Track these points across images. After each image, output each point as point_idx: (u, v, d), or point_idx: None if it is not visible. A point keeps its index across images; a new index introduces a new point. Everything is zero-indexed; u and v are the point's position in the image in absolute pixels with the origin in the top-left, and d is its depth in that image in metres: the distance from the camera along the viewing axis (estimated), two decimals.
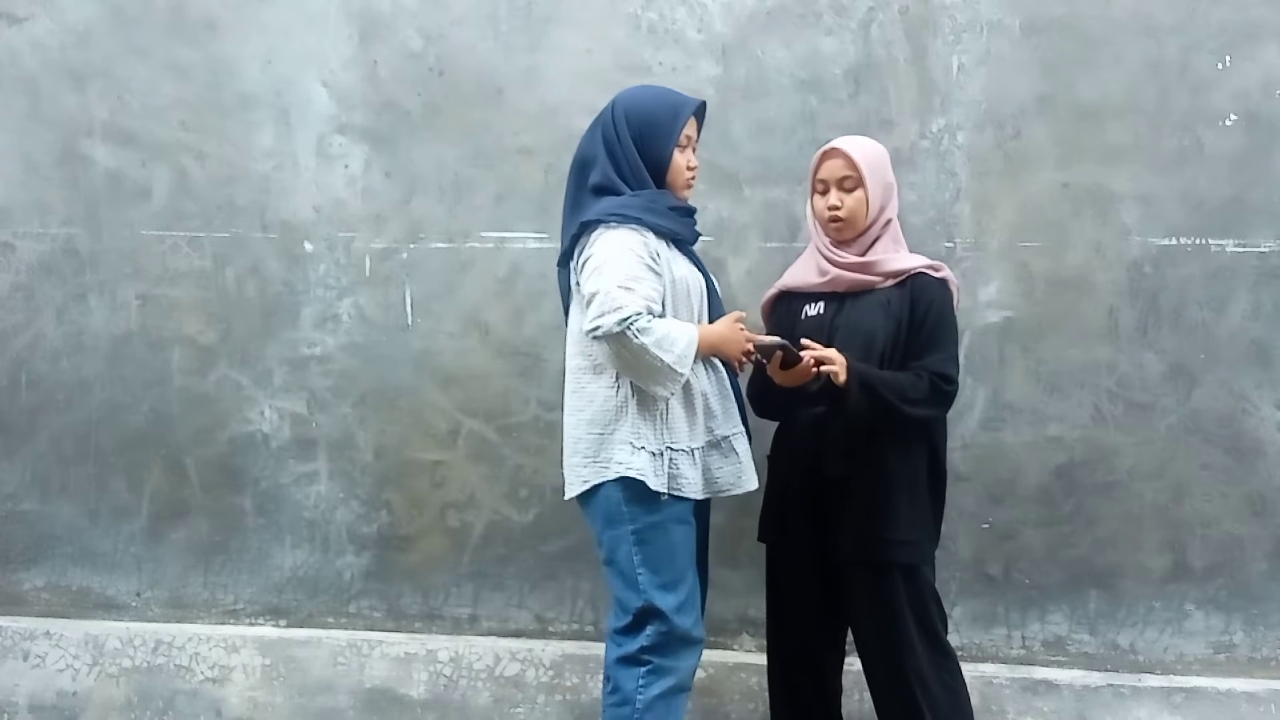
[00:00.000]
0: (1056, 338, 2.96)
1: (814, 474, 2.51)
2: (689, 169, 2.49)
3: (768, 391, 2.57)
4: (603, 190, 2.41)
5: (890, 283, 2.52)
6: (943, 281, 2.55)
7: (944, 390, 2.47)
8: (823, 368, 2.37)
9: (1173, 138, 2.94)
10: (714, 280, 2.59)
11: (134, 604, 3.33)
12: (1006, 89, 2.97)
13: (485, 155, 3.13)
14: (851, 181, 2.50)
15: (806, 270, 2.61)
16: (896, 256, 2.54)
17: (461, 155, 3.14)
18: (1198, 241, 2.95)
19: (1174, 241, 2.96)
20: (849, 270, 2.53)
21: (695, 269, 2.51)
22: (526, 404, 3.16)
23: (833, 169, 2.52)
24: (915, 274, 2.52)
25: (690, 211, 2.52)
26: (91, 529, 3.32)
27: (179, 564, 3.31)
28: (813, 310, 2.57)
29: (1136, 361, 2.98)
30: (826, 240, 2.57)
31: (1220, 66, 2.92)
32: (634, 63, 3.04)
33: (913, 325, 2.49)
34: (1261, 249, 2.94)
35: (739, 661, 3.08)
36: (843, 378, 2.37)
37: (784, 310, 2.64)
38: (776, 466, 2.64)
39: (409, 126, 3.15)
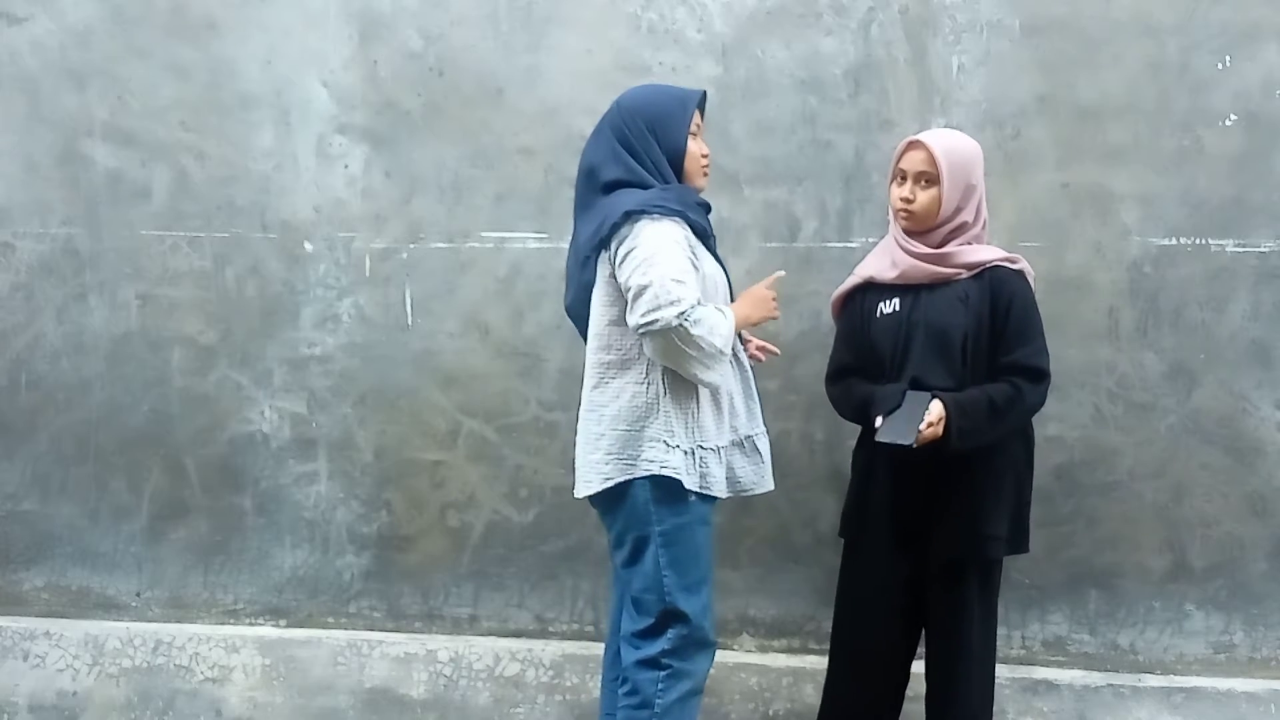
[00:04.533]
0: (1056, 338, 2.93)
1: (902, 469, 2.48)
2: (703, 156, 2.46)
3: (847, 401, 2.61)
4: (621, 184, 2.36)
5: (966, 275, 2.50)
6: (1020, 274, 2.53)
7: (1037, 387, 2.46)
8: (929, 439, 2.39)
9: (1173, 138, 2.94)
10: (729, 276, 2.55)
11: (134, 604, 3.33)
12: (1006, 89, 2.97)
13: (485, 155, 3.13)
14: (930, 177, 2.48)
15: (881, 261, 2.59)
16: (972, 249, 2.51)
17: (461, 155, 3.14)
18: (1198, 241, 2.95)
19: (1174, 241, 2.96)
20: (924, 261, 2.51)
21: (719, 265, 2.49)
22: (526, 404, 3.16)
23: (913, 161, 2.49)
24: (992, 267, 2.49)
25: (709, 208, 2.49)
26: (91, 529, 3.32)
27: (179, 564, 3.31)
28: (888, 308, 2.55)
29: (1136, 361, 2.98)
30: (900, 230, 2.55)
31: (1220, 66, 2.92)
32: (634, 63, 3.04)
33: (995, 320, 2.46)
34: (1261, 249, 2.94)
35: (739, 661, 3.08)
36: (940, 431, 2.38)
37: (857, 307, 2.61)
38: (859, 460, 2.63)
39: (409, 126, 3.15)
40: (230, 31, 3.18)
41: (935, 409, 2.38)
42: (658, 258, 2.24)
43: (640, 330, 2.25)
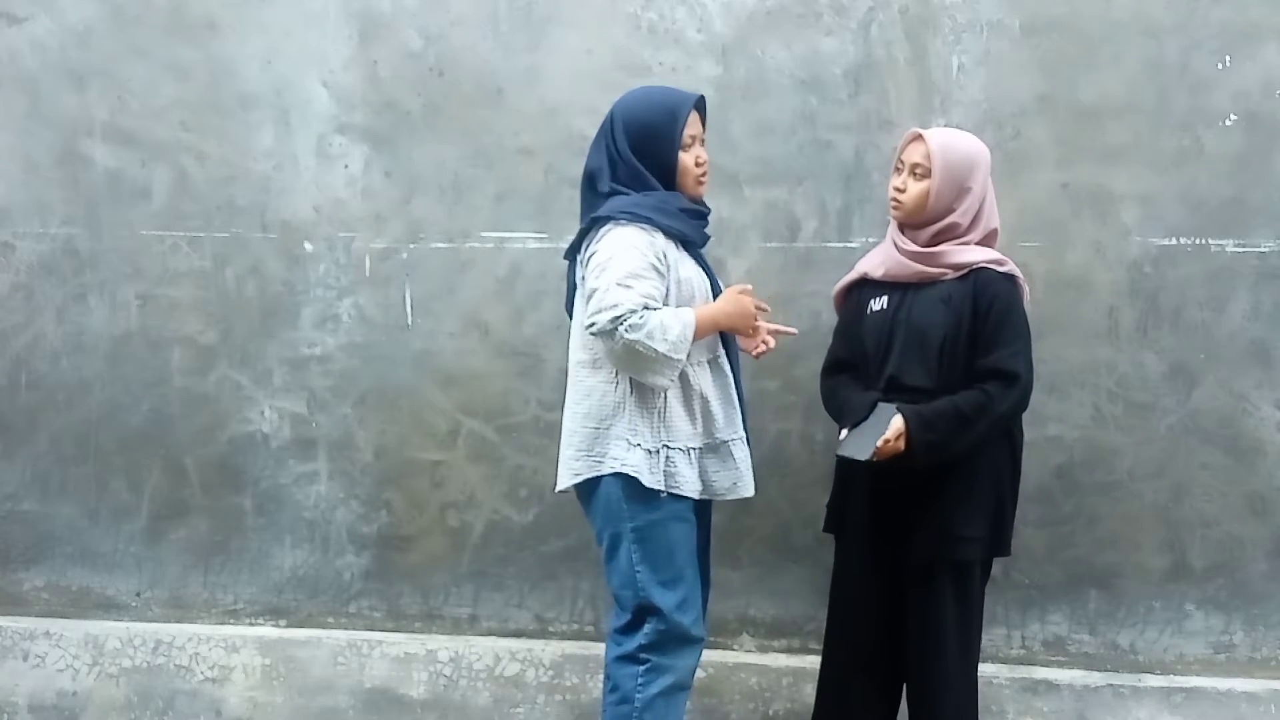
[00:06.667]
0: (1056, 338, 2.96)
1: (879, 469, 2.46)
2: (698, 166, 2.46)
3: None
4: (614, 194, 2.42)
5: (953, 276, 2.50)
6: (1008, 276, 2.52)
7: (1008, 391, 2.43)
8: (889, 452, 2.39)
9: (1173, 138, 2.94)
10: (720, 284, 2.57)
11: (134, 604, 3.33)
12: (1006, 89, 2.97)
13: (485, 155, 3.13)
14: (922, 170, 2.49)
15: (875, 258, 2.62)
16: (960, 249, 2.51)
17: (461, 155, 3.14)
18: (1198, 241, 2.95)
19: (1174, 241, 2.96)
20: (910, 259, 2.52)
21: (702, 272, 2.50)
22: (526, 404, 3.16)
23: (912, 153, 2.52)
24: (979, 269, 2.49)
25: (702, 214, 2.51)
26: (91, 529, 3.32)
27: (179, 564, 3.31)
28: (876, 306, 2.57)
29: (1136, 361, 2.98)
30: (895, 225, 2.57)
31: (1220, 66, 2.92)
32: (634, 63, 3.04)
33: (976, 321, 2.47)
34: (1261, 249, 2.93)
35: (739, 661, 3.08)
36: (901, 446, 2.38)
37: (854, 302, 2.64)
38: (843, 458, 2.62)
39: (409, 126, 3.15)
40: (230, 31, 3.18)
41: (895, 424, 2.39)
42: (611, 263, 2.31)
43: (588, 332, 2.33)
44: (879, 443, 2.38)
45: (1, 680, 3.24)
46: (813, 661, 2.99)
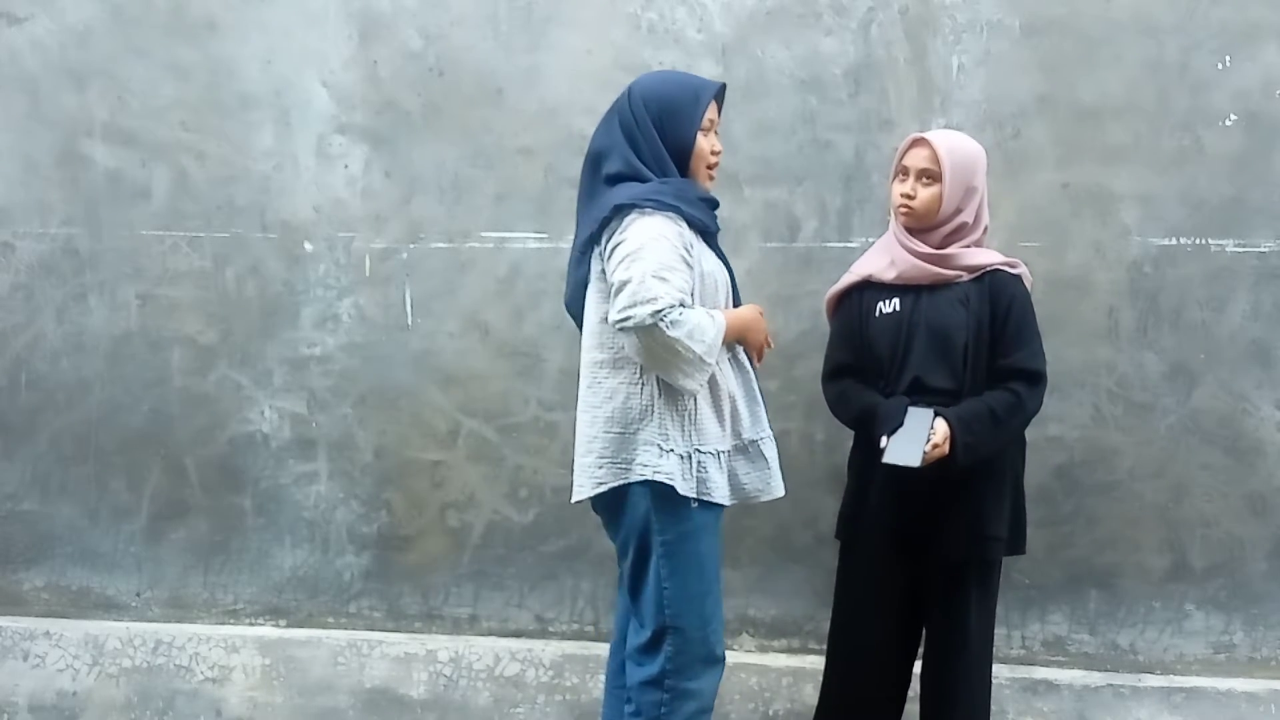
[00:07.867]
0: (1056, 338, 2.95)
1: (902, 473, 2.41)
2: (713, 153, 2.38)
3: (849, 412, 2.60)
4: (622, 178, 2.28)
5: (967, 278, 2.51)
6: (1018, 278, 2.55)
7: (1034, 390, 2.48)
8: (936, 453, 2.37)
9: (1173, 138, 2.94)
10: (734, 274, 2.49)
11: (134, 604, 3.33)
12: (1006, 89, 2.97)
13: (485, 155, 3.13)
14: (931, 174, 2.48)
15: (880, 260, 2.58)
16: (972, 251, 2.52)
17: (461, 155, 3.14)
18: (1198, 241, 2.95)
19: (1174, 241, 2.96)
20: (925, 261, 2.51)
21: (721, 265, 2.41)
22: (526, 404, 3.16)
23: (916, 158, 2.50)
24: (992, 270, 2.51)
25: (715, 204, 2.43)
26: (91, 529, 3.32)
27: (179, 564, 3.31)
28: (887, 308, 2.54)
29: (1136, 361, 2.98)
30: (901, 229, 2.55)
31: (1220, 66, 2.92)
32: (634, 63, 3.04)
33: (994, 323, 2.48)
34: (1261, 249, 2.94)
35: (739, 661, 3.08)
36: (946, 450, 2.37)
37: (854, 306, 2.60)
38: (856, 463, 2.62)
39: (409, 126, 3.15)
40: (230, 31, 3.18)
41: (940, 428, 2.37)
42: (642, 253, 2.16)
43: (617, 327, 2.17)
44: (928, 448, 2.34)
45: (1, 680, 3.24)
46: (813, 661, 3.00)
